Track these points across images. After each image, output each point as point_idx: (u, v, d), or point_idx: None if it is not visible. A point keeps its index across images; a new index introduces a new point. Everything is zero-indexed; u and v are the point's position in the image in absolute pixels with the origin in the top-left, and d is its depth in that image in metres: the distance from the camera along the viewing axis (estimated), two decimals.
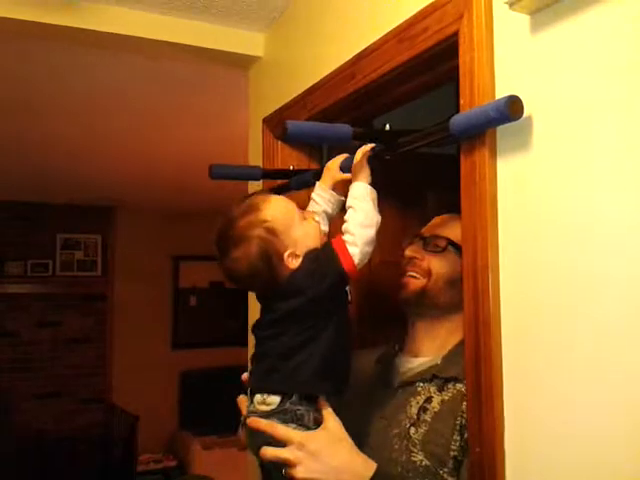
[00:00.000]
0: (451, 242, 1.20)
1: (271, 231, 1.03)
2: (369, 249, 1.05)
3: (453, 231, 1.22)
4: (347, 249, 1.03)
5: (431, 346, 1.21)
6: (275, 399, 1.06)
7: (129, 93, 2.54)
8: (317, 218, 1.13)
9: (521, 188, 0.88)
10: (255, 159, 1.78)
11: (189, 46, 1.77)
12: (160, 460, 4.97)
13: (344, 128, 1.07)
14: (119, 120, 2.90)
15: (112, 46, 1.93)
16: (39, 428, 4.76)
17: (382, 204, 1.71)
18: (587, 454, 0.78)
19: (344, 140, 1.09)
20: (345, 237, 1.05)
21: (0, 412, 4.67)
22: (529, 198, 0.87)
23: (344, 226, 1.07)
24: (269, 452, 1.03)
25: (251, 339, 1.17)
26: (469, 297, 0.93)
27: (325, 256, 1.05)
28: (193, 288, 5.72)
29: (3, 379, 4.85)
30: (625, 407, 0.74)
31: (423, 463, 1.06)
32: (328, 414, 1.05)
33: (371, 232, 1.05)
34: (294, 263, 1.05)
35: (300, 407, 1.05)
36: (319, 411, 1.05)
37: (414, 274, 1.21)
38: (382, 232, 1.68)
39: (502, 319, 0.89)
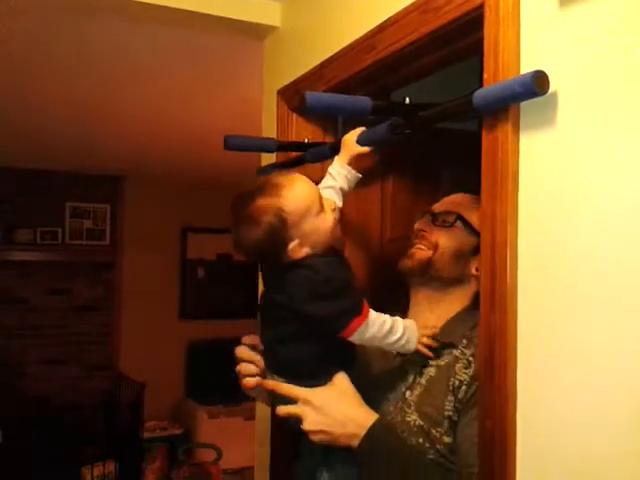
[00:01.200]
0: (460, 217, 1.22)
1: (283, 221, 1.04)
2: (368, 341, 1.07)
3: (464, 208, 1.23)
4: (365, 322, 1.04)
5: (431, 317, 1.23)
6: (281, 379, 1.13)
7: (143, 61, 2.51)
8: (334, 206, 1.12)
9: (543, 165, 0.87)
10: (269, 131, 1.76)
11: (204, 14, 1.74)
12: (166, 428, 5.03)
13: (363, 100, 1.06)
14: (132, 88, 2.88)
15: (127, 13, 1.91)
16: (46, 394, 4.82)
17: (395, 180, 1.71)
18: (599, 432, 0.79)
19: (363, 113, 1.08)
20: (372, 313, 1.06)
21: (8, 377, 4.73)
22: (551, 175, 0.86)
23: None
24: (281, 409, 1.12)
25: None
26: (486, 272, 0.93)
27: (349, 303, 1.05)
28: (201, 260, 5.74)
29: (12, 345, 4.90)
30: None
31: (417, 423, 1.10)
32: (337, 374, 1.10)
33: (379, 342, 1.08)
34: (299, 253, 1.06)
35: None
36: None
37: (421, 246, 1.23)
38: (394, 208, 1.69)
39: (519, 295, 0.90)
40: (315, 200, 1.08)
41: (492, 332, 0.91)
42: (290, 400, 1.10)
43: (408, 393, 1.15)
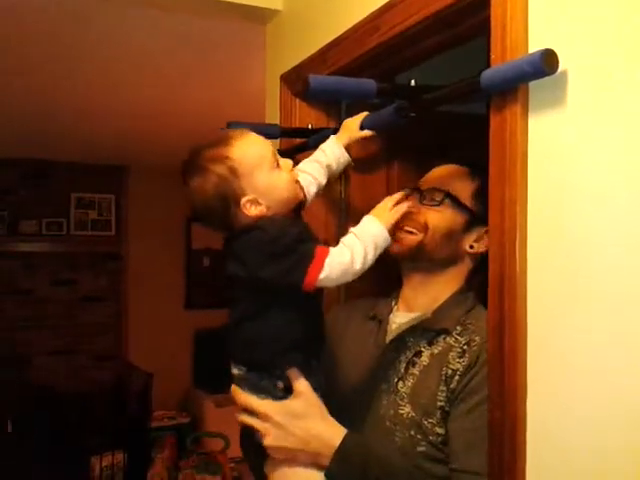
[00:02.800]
0: (448, 194, 1.16)
1: (233, 171, 0.98)
2: (341, 279, 0.98)
3: (452, 182, 1.18)
4: (322, 266, 0.95)
5: (424, 300, 1.19)
6: (241, 367, 1.06)
7: (145, 49, 2.49)
8: (297, 173, 1.07)
9: (553, 146, 0.85)
10: (272, 117, 1.74)
11: None
12: (174, 417, 5.05)
13: (368, 83, 1.04)
14: (135, 76, 2.85)
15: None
16: (54, 384, 4.84)
17: (400, 165, 1.69)
18: (611, 422, 0.77)
19: (368, 96, 1.05)
20: (332, 251, 0.97)
21: (15, 368, 4.75)
22: (561, 157, 0.84)
23: (341, 240, 1.00)
24: (243, 418, 1.08)
25: None
26: (495, 257, 0.91)
27: (299, 254, 0.95)
28: (206, 249, 5.73)
29: (19, 336, 4.92)
30: None
31: (409, 415, 1.06)
32: (298, 383, 1.03)
33: (355, 268, 0.98)
34: (253, 211, 1.00)
35: (261, 379, 1.04)
36: (288, 379, 1.03)
37: (410, 229, 1.16)
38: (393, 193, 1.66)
39: (528, 280, 0.87)
40: (268, 154, 1.02)
41: (501, 318, 0.89)
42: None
43: (400, 384, 1.10)
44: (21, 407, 4.36)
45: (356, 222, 1.05)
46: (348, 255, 0.97)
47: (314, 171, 1.15)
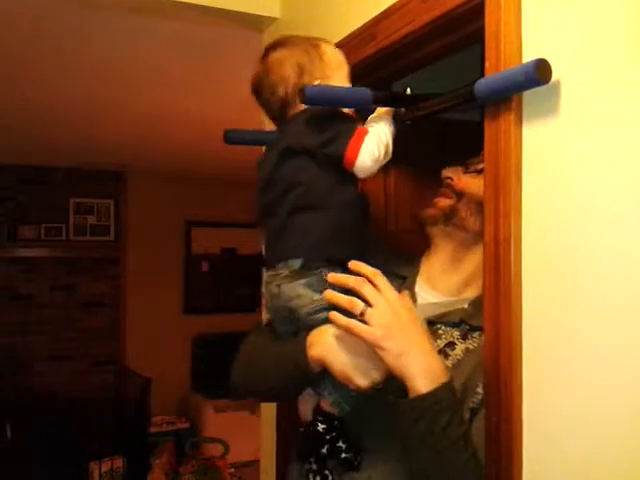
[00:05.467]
0: None
1: (320, 56, 1.07)
2: (378, 155, 1.00)
3: None
4: (362, 141, 1.00)
5: (453, 282, 1.14)
6: (296, 262, 1.00)
7: (143, 55, 2.50)
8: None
9: (548, 156, 0.85)
10: (271, 124, 1.74)
11: (202, 6, 1.72)
12: (172, 422, 5.05)
13: (364, 92, 1.04)
14: (133, 82, 2.86)
15: (127, 6, 1.89)
16: (52, 389, 4.83)
17: (397, 172, 1.69)
18: (606, 429, 0.77)
19: (364, 104, 1.06)
20: (369, 132, 1.02)
21: (14, 373, 4.75)
22: (556, 167, 0.84)
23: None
24: (355, 285, 0.93)
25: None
26: (490, 268, 0.91)
27: (342, 128, 1.01)
28: (205, 254, 5.74)
29: (17, 341, 4.92)
30: None
31: None
32: (385, 285, 0.93)
33: (389, 143, 1.03)
34: None
35: (325, 269, 0.99)
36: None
37: (446, 194, 1.15)
38: (397, 201, 1.67)
39: (523, 291, 0.87)
40: (347, 69, 1.12)
41: (497, 329, 0.89)
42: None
43: None
44: (20, 412, 4.36)
45: None
46: (381, 134, 1.03)
47: None
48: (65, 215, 5.14)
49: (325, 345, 0.96)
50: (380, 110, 1.09)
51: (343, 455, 0.99)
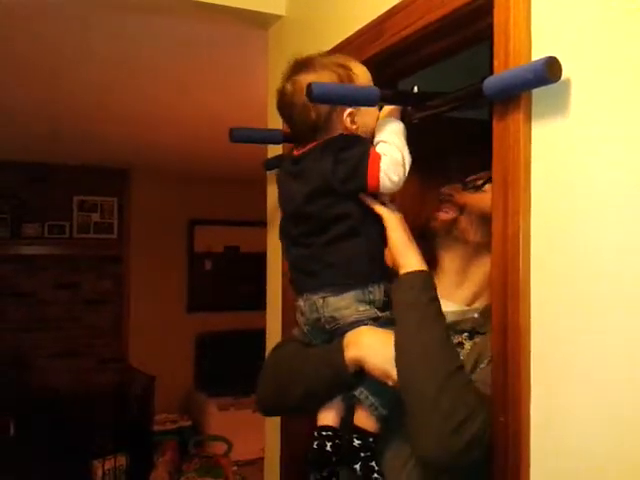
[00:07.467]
0: (489, 179, 1.13)
1: (351, 79, 1.05)
2: (399, 171, 1.01)
3: None
4: (379, 169, 0.99)
5: (464, 294, 1.17)
6: (348, 296, 1.03)
7: (147, 53, 2.49)
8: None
9: (557, 154, 0.85)
10: (275, 123, 1.74)
11: (208, 4, 1.72)
12: (176, 420, 5.05)
13: (371, 90, 1.04)
14: (137, 80, 2.86)
15: (130, 4, 1.89)
16: (56, 387, 4.84)
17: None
18: (615, 427, 0.77)
19: (371, 102, 1.05)
20: (379, 148, 1.02)
21: (17, 370, 4.76)
22: (565, 165, 0.83)
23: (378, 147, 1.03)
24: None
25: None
26: (498, 265, 0.91)
27: (358, 154, 1.00)
28: (208, 252, 5.74)
29: (21, 338, 4.93)
30: None
31: None
32: None
33: (406, 157, 1.02)
34: (348, 123, 1.04)
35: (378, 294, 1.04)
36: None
37: (447, 209, 1.18)
38: (402, 198, 1.66)
39: (532, 289, 0.87)
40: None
41: (505, 326, 0.89)
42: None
43: None
44: (23, 410, 4.37)
45: None
46: (394, 150, 1.02)
47: None
48: (69, 213, 5.14)
49: (362, 345, 1.00)
50: (387, 108, 1.09)
51: (375, 476, 0.99)
